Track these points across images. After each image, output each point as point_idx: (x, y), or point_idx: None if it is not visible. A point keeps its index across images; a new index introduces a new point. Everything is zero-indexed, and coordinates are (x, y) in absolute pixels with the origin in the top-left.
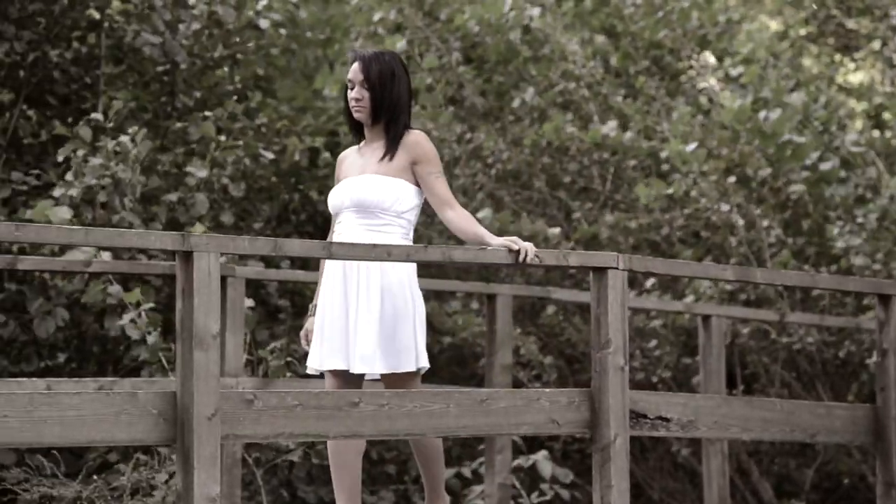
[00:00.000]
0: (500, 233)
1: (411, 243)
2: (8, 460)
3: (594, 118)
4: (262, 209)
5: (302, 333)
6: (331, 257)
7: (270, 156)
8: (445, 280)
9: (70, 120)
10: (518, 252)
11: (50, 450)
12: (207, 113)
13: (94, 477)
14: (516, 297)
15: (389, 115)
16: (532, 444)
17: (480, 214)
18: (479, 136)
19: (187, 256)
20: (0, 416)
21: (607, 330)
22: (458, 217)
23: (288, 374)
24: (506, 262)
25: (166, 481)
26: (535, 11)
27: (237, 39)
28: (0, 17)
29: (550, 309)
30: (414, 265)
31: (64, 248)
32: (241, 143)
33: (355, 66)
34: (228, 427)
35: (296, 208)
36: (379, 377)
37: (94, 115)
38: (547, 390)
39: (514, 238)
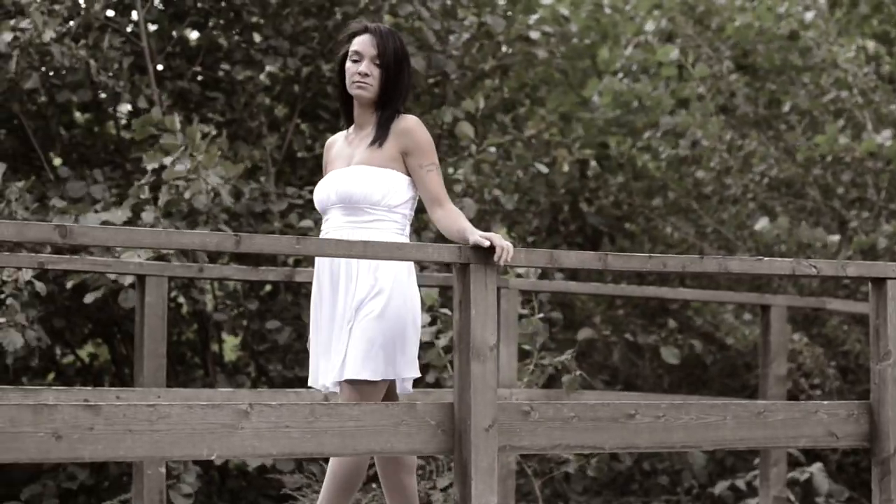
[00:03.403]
0: (775, 241)
1: (408, 240)
2: (287, 467)
3: (868, 127)
4: (533, 220)
5: None
6: (606, 268)
7: (544, 169)
8: (718, 290)
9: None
10: (493, 249)
11: (328, 458)
12: (460, 113)
13: (373, 485)
14: (790, 307)
15: (394, 100)
16: (807, 455)
17: (757, 226)
18: (750, 143)
19: (464, 268)
20: (282, 427)
21: (886, 341)
22: (446, 215)
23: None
24: (780, 273)
25: (444, 489)
26: (810, 15)
27: (507, 50)
28: (274, 33)
29: (835, 320)
30: (410, 264)
31: None
32: (500, 140)
33: (366, 38)
34: (505, 438)
35: (566, 220)
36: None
37: None
38: (825, 402)
39: (491, 235)
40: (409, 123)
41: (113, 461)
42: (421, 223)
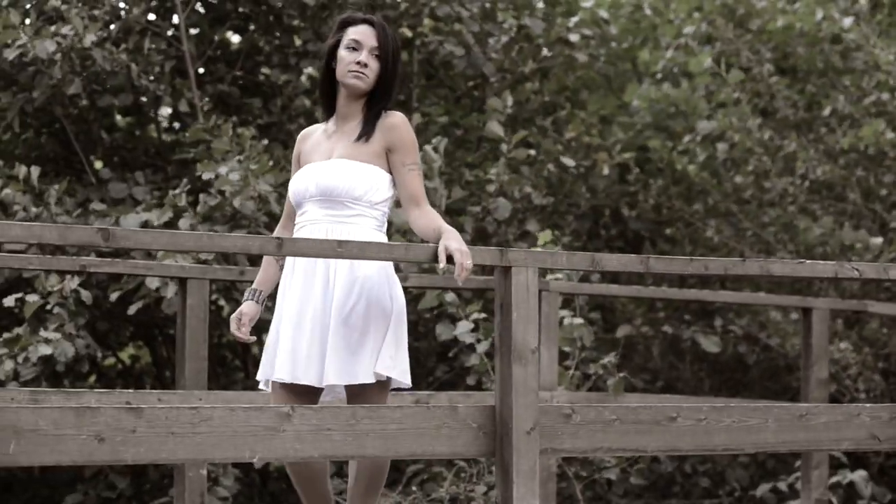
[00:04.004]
0: (817, 243)
1: (385, 238)
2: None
3: None
4: (572, 223)
5: (234, 317)
6: (647, 271)
7: (571, 163)
8: (759, 294)
9: None
10: (449, 260)
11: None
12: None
13: (414, 488)
14: (833, 310)
15: (386, 96)
16: (849, 458)
17: (801, 224)
18: (790, 145)
19: (506, 271)
20: (324, 430)
21: None
22: (423, 215)
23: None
24: (823, 276)
25: (485, 493)
26: (848, 21)
27: (547, 53)
28: (314, 37)
29: (875, 322)
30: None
31: None
32: (534, 146)
33: (366, 28)
34: (547, 441)
35: (606, 223)
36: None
37: None
38: (868, 405)
39: (453, 248)
40: (398, 120)
41: (155, 464)
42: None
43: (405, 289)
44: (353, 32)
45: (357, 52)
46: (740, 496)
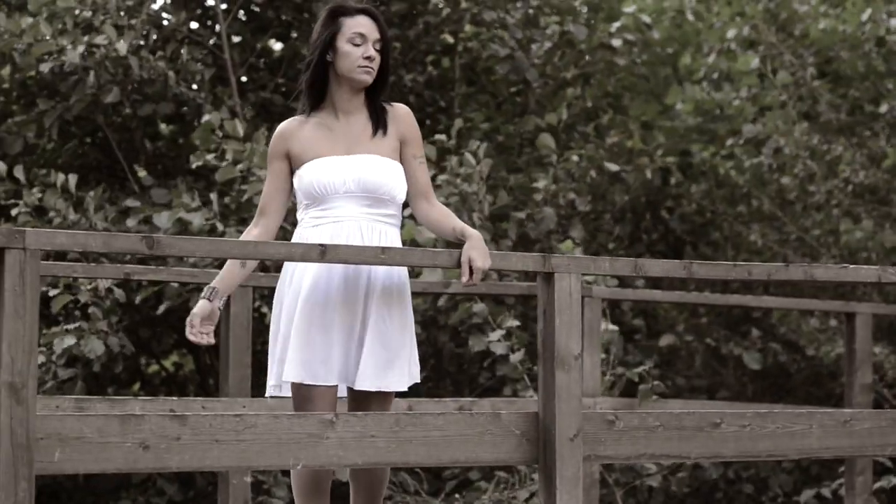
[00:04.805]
0: (860, 247)
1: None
2: None
3: None
4: (615, 228)
5: (190, 320)
6: (690, 276)
7: (615, 168)
8: (803, 298)
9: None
10: (470, 269)
11: (413, 468)
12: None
13: (456, 495)
14: (876, 315)
15: (385, 86)
16: (893, 463)
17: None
18: (835, 149)
19: (548, 277)
20: (368, 437)
21: None
22: (433, 209)
23: (654, 397)
24: (867, 281)
25: (526, 500)
26: (893, 23)
27: (589, 59)
28: None
29: None
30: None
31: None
32: (580, 152)
33: (366, 20)
34: (590, 448)
35: (648, 227)
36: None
37: (437, 136)
38: None
39: (475, 257)
40: (406, 111)
41: (199, 471)
42: None
43: (451, 296)
44: (355, 25)
45: (361, 45)
46: (784, 502)
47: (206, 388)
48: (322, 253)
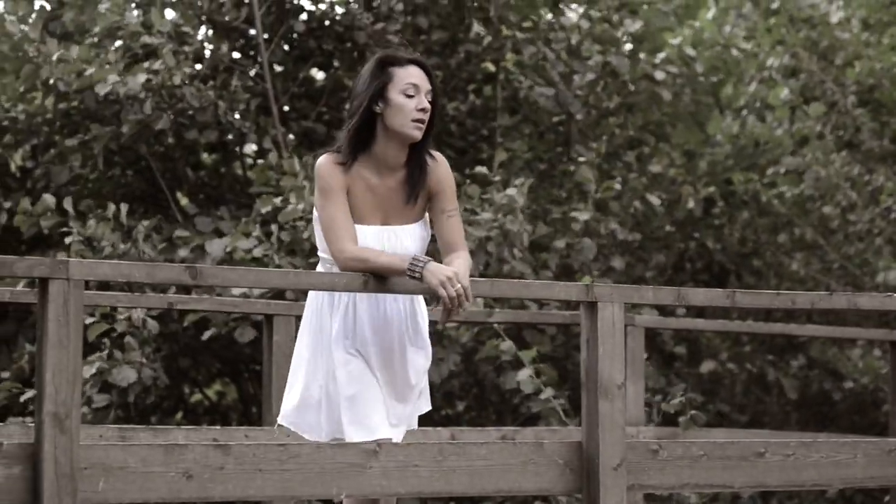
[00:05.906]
0: None
1: None
2: None
3: None
4: (657, 257)
5: (445, 279)
6: (734, 305)
7: (657, 200)
8: (846, 327)
9: (466, 171)
10: (447, 302)
11: (450, 499)
12: (582, 158)
13: None
14: None
15: (430, 139)
16: None
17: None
18: (877, 179)
19: (592, 307)
20: (411, 466)
21: None
22: (465, 264)
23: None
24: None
25: None
26: None
27: (632, 89)
28: None
29: None
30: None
31: None
32: (618, 181)
33: (418, 71)
34: (633, 477)
35: (691, 256)
36: None
37: (477, 169)
38: None
39: (457, 282)
40: (443, 166)
41: (243, 500)
42: None
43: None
44: (407, 76)
45: (416, 97)
46: None
47: (249, 416)
48: (365, 283)
